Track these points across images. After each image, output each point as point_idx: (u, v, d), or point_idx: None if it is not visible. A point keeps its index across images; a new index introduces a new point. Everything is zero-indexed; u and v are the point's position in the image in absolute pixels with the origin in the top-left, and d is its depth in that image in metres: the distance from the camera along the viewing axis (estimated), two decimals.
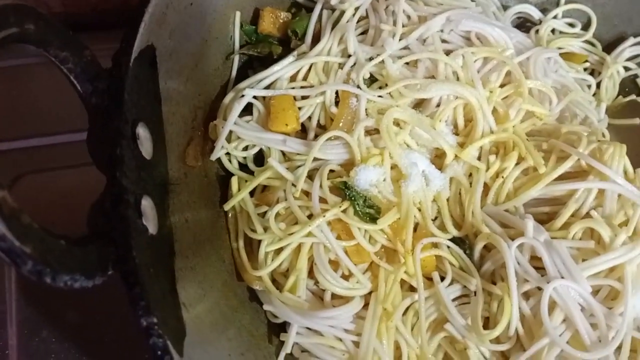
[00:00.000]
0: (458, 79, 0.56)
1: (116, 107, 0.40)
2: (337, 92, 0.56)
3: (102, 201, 0.39)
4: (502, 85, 0.57)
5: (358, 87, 0.55)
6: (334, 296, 0.51)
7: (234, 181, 0.54)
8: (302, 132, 0.57)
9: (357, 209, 0.51)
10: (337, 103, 0.56)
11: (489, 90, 0.56)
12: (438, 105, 0.56)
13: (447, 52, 0.57)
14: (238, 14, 0.58)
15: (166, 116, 0.48)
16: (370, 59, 0.56)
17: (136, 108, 0.42)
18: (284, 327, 0.52)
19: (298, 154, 0.54)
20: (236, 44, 0.58)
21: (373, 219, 0.51)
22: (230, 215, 0.54)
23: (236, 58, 0.58)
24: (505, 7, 0.72)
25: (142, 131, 0.43)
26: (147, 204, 0.41)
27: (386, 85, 0.56)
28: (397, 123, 0.55)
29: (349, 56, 0.57)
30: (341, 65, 0.56)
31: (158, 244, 0.42)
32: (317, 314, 0.49)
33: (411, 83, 0.55)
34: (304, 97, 0.56)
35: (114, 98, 0.41)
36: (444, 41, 0.58)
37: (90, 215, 0.39)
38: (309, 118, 0.56)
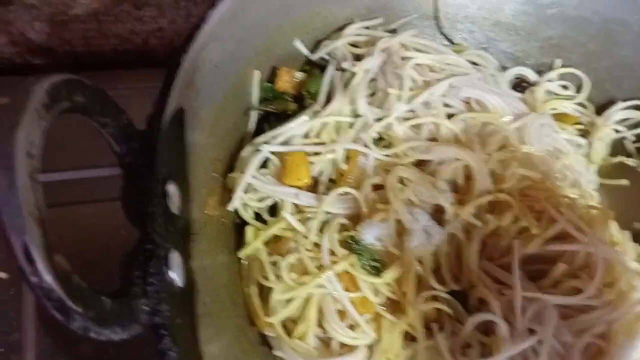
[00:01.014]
0: (458, 141, 0.61)
1: (148, 167, 0.44)
2: (347, 150, 0.60)
3: (133, 255, 0.43)
4: (499, 149, 0.62)
5: (366, 146, 0.59)
6: (339, 344, 0.55)
7: (249, 230, 0.58)
8: (313, 185, 0.60)
9: (364, 262, 0.55)
10: (347, 159, 0.60)
11: (487, 153, 0.61)
12: (439, 164, 0.60)
13: (449, 115, 0.62)
14: (257, 73, 0.62)
15: (190, 169, 0.52)
16: (379, 119, 0.60)
17: (166, 166, 0.46)
18: None
19: (309, 206, 0.58)
20: (254, 101, 0.62)
21: (378, 272, 0.55)
22: (244, 262, 0.58)
23: (254, 113, 0.62)
24: (503, 68, 0.76)
25: (171, 188, 0.46)
26: (174, 256, 0.45)
27: (391, 144, 0.61)
28: (401, 180, 0.59)
29: (358, 116, 0.61)
30: (351, 125, 0.61)
31: (183, 294, 0.45)
32: None
33: (416, 145, 0.59)
34: (316, 153, 0.59)
35: (147, 158, 0.44)
36: (446, 105, 0.62)
37: (122, 267, 0.43)
38: (320, 173, 0.60)
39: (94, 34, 0.81)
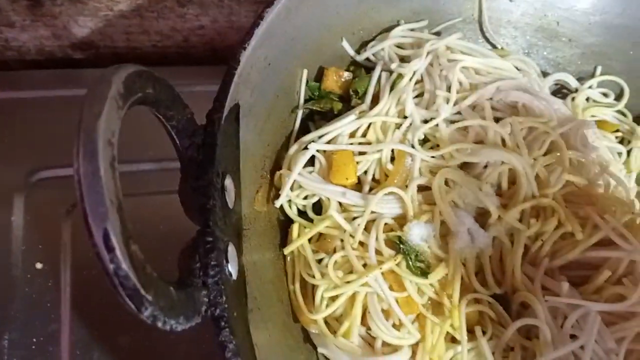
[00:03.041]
0: (504, 144, 0.61)
1: (209, 161, 0.44)
2: (392, 150, 0.60)
3: (193, 247, 0.43)
4: (544, 154, 0.62)
5: (413, 146, 0.59)
6: (383, 344, 0.55)
7: (295, 227, 0.58)
8: (357, 184, 0.61)
9: (410, 262, 0.55)
10: (392, 159, 0.60)
11: (533, 157, 0.61)
12: (484, 167, 0.61)
13: (496, 119, 0.62)
14: (305, 71, 0.63)
15: (242, 165, 0.52)
16: (425, 121, 0.61)
17: (224, 161, 0.46)
18: None
19: (355, 205, 0.58)
20: (301, 99, 0.63)
21: (423, 273, 0.55)
22: (288, 258, 0.58)
23: (300, 112, 0.63)
24: (544, 74, 0.76)
25: (228, 182, 0.47)
26: (231, 250, 0.45)
27: (437, 146, 0.61)
28: (446, 182, 0.59)
29: (405, 117, 0.61)
30: (398, 126, 0.61)
31: (238, 287, 0.46)
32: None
33: (462, 147, 0.59)
34: (361, 153, 0.60)
35: (208, 153, 0.45)
36: (493, 108, 0.62)
37: (182, 259, 0.43)
38: (365, 172, 0.60)
39: (135, 29, 0.82)
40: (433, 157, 0.59)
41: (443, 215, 0.57)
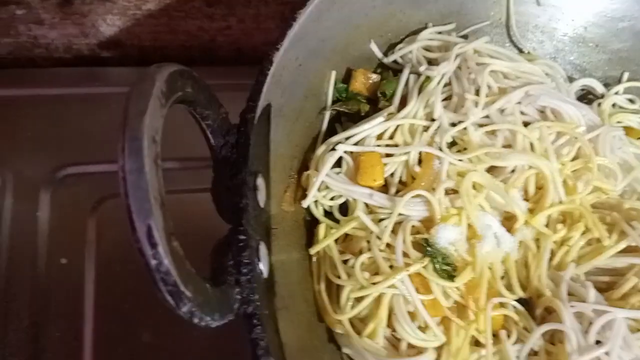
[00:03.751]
0: (532, 149, 0.61)
1: (243, 161, 0.45)
2: (420, 153, 0.60)
3: (226, 245, 0.43)
4: (572, 159, 0.62)
5: (440, 149, 0.59)
6: (408, 346, 0.55)
7: (321, 228, 0.58)
8: (383, 186, 0.61)
9: (436, 265, 0.55)
10: (419, 162, 0.60)
11: (560, 163, 0.61)
12: (512, 172, 0.60)
13: (524, 124, 0.62)
14: (334, 73, 0.63)
15: (271, 165, 0.52)
16: (453, 124, 0.61)
17: (257, 161, 0.47)
18: None
19: (381, 207, 0.58)
20: (329, 101, 0.63)
21: (450, 276, 0.55)
22: (314, 259, 0.58)
23: (327, 113, 0.63)
24: (570, 79, 0.76)
25: (260, 182, 0.47)
26: (262, 249, 0.45)
27: (464, 149, 0.61)
28: (473, 186, 0.59)
29: (433, 120, 0.61)
30: (425, 128, 0.61)
31: (268, 286, 0.46)
32: None
33: (491, 151, 0.59)
34: (388, 155, 0.60)
35: (241, 152, 0.45)
36: (521, 113, 0.62)
37: (214, 257, 0.44)
38: (392, 174, 0.60)
39: (163, 28, 0.83)
40: (461, 160, 0.59)
41: (470, 219, 0.57)
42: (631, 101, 0.78)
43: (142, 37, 0.83)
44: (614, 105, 0.77)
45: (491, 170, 0.61)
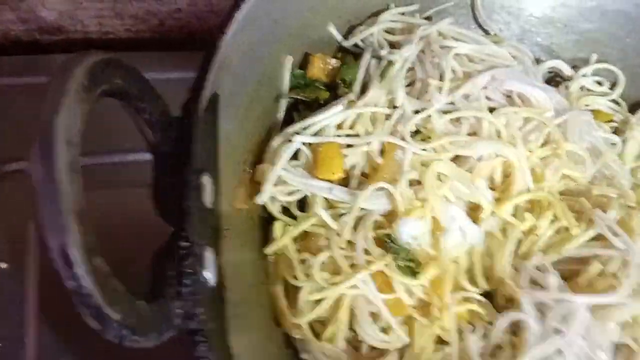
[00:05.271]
0: (499, 136, 0.58)
1: (185, 158, 0.41)
2: (382, 143, 0.56)
3: (167, 251, 0.39)
4: (541, 146, 0.59)
5: (403, 139, 0.56)
6: (370, 348, 0.52)
7: (278, 226, 0.55)
8: (344, 179, 0.57)
9: (399, 262, 0.52)
10: (381, 153, 0.57)
11: (528, 150, 0.58)
12: (478, 160, 0.58)
13: (490, 110, 0.59)
14: (290, 58, 0.59)
15: (221, 159, 0.48)
16: (416, 112, 0.57)
17: (202, 157, 0.43)
18: None
19: (342, 202, 0.54)
20: (285, 87, 0.59)
21: (413, 273, 0.52)
22: (270, 259, 0.55)
23: (284, 101, 0.59)
24: (538, 61, 0.73)
25: (205, 179, 0.43)
26: (208, 254, 0.42)
27: (428, 138, 0.58)
28: (438, 176, 0.56)
29: (396, 107, 0.58)
30: (388, 116, 0.57)
31: (216, 294, 0.42)
32: None
33: (456, 139, 0.56)
34: (349, 146, 0.56)
35: (183, 148, 0.41)
36: (487, 98, 0.59)
37: (155, 264, 0.40)
38: (352, 166, 0.57)
39: (108, 12, 0.77)
40: (425, 149, 0.56)
41: (434, 211, 0.54)
42: (599, 83, 0.76)
43: (86, 22, 0.78)
44: (582, 88, 0.75)
45: (457, 159, 0.58)
